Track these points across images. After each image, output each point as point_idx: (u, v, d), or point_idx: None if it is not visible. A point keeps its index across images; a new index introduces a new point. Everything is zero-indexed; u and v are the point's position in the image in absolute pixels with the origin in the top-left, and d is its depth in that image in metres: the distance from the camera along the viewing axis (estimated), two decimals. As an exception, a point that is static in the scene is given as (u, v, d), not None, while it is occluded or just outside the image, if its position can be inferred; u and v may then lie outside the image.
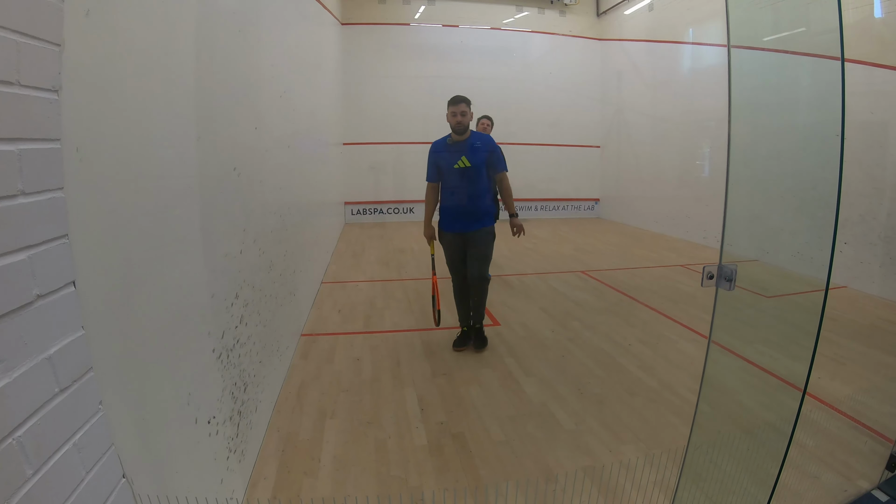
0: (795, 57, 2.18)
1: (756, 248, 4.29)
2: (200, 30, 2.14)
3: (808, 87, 2.45)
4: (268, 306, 3.27)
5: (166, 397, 1.73)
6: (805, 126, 2.64)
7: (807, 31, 2.26)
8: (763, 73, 2.44)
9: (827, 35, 1.87)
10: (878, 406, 3.59)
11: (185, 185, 1.98)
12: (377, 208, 12.80)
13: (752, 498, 2.20)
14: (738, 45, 1.85)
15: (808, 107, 2.55)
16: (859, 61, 6.36)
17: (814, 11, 2.14)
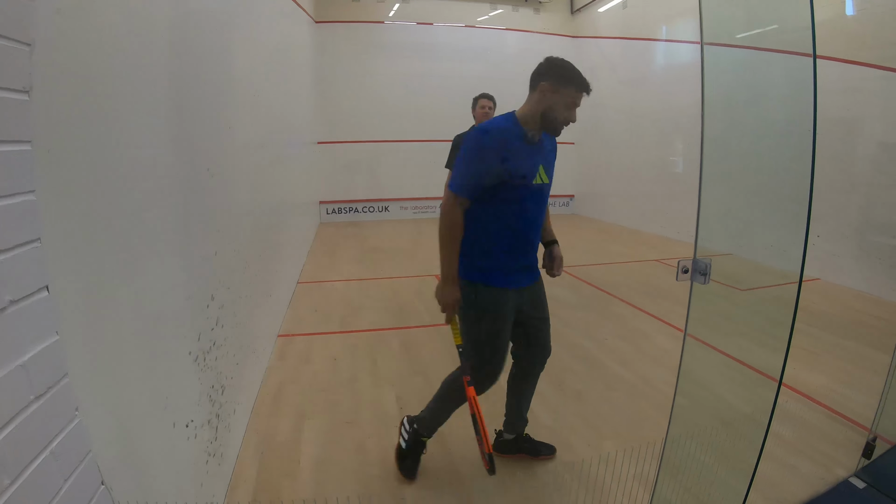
0: (768, 54, 2.22)
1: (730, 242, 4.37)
2: (173, 29, 2.11)
3: (781, 84, 2.50)
4: (244, 307, 3.24)
5: (143, 402, 1.70)
6: (778, 122, 2.69)
7: (779, 28, 2.30)
8: (736, 70, 2.47)
9: (799, 32, 1.90)
10: (853, 395, 3.67)
11: (159, 186, 1.95)
12: (352, 207, 12.74)
13: (731, 489, 2.24)
14: (710, 42, 1.88)
15: (780, 103, 2.59)
16: (831, 58, 6.51)
17: (786, 9, 2.18)
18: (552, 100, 2.62)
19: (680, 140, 10.13)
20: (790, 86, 2.37)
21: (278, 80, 5.58)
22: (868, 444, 2.91)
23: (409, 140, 12.70)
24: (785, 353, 1.94)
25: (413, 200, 13.09)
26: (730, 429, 2.34)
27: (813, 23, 1.80)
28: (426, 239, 10.26)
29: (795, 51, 2.00)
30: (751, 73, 2.67)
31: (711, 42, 1.89)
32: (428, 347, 4.58)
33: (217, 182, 2.78)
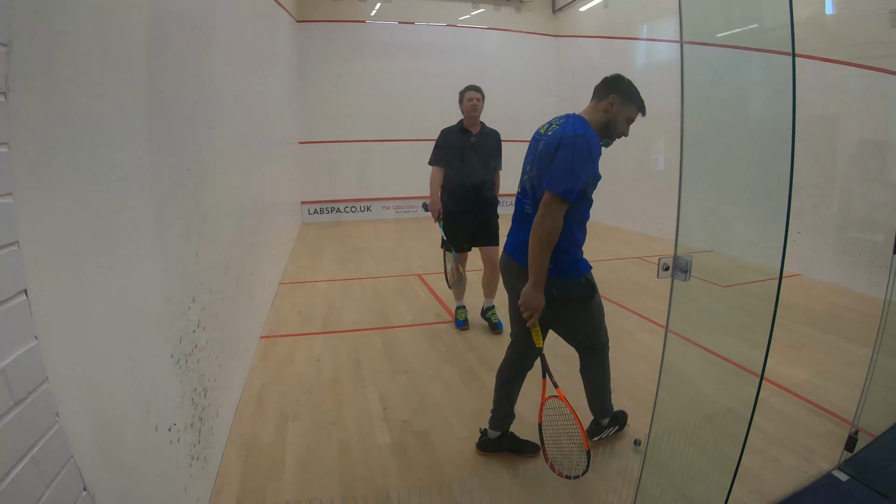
0: (748, 53, 2.25)
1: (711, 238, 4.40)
2: (152, 28, 2.09)
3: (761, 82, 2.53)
4: (225, 309, 3.22)
5: (125, 406, 1.68)
6: (758, 120, 2.72)
7: (759, 27, 2.33)
8: (716, 69, 2.50)
9: (779, 31, 1.92)
10: (834, 389, 3.73)
11: (139, 187, 1.93)
12: (334, 207, 12.68)
13: (715, 483, 2.27)
14: (690, 41, 1.90)
15: (760, 101, 2.62)
16: (811, 57, 6.61)
17: (766, 8, 2.21)
18: (617, 112, 2.78)
19: (660, 138, 10.20)
20: (770, 84, 2.39)
21: (259, 80, 5.54)
22: (850, 437, 2.96)
23: (391, 139, 12.68)
24: (766, 348, 1.96)
25: (395, 200, 13.07)
26: (712, 424, 2.36)
27: (792, 22, 1.83)
28: (408, 238, 10.26)
29: (775, 49, 2.03)
30: (730, 71, 2.70)
31: (691, 41, 1.91)
32: (411, 347, 4.58)
33: (198, 182, 2.75)
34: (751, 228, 3.09)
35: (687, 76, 1.83)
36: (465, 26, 13.06)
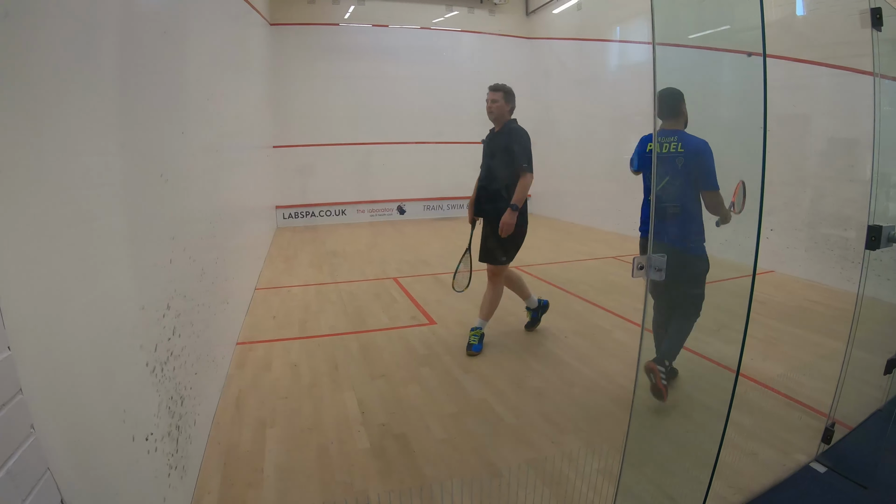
0: (719, 53, 2.29)
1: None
2: (123, 32, 2.06)
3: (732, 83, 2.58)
4: (201, 316, 3.18)
5: (101, 416, 1.66)
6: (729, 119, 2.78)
7: (731, 28, 2.37)
8: (688, 70, 2.54)
9: (750, 32, 1.96)
10: (809, 383, 3.81)
11: (111, 193, 1.90)
12: (309, 211, 12.62)
13: (694, 478, 2.30)
14: (662, 42, 1.92)
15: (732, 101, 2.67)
16: (782, 57, 6.76)
17: (738, 10, 2.25)
18: None
19: (634, 138, 10.33)
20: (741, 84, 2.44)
21: (232, 84, 5.49)
22: (827, 430, 3.02)
23: (365, 143, 12.66)
24: (741, 344, 2.00)
25: (370, 203, 13.05)
26: (690, 420, 2.40)
27: (763, 23, 1.86)
28: (384, 242, 10.24)
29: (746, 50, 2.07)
30: (702, 72, 2.74)
31: (663, 42, 1.94)
32: (388, 350, 4.58)
33: (170, 188, 2.72)
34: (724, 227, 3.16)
35: (659, 77, 1.86)
36: (439, 29, 13.13)
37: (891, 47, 2.90)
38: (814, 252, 6.90)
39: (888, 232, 2.60)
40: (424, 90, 12.94)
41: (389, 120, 12.78)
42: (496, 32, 13.59)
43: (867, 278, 2.81)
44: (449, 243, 10.06)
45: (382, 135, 12.77)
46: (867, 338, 3.03)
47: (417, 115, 13.01)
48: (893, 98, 3.12)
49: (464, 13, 13.25)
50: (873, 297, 3.05)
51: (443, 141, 13.14)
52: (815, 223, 6.90)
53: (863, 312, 2.88)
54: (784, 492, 2.72)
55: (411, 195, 13.42)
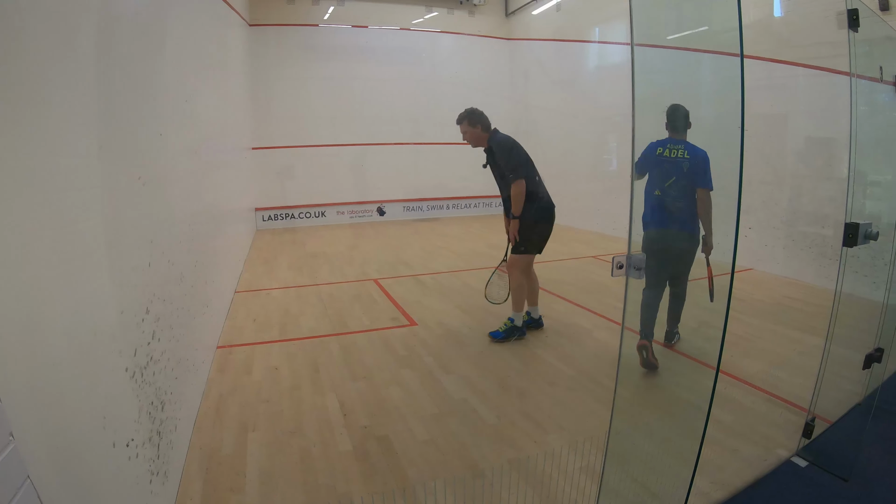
0: (698, 54, 2.32)
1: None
2: (101, 32, 2.04)
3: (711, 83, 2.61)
4: (180, 320, 3.15)
5: (81, 423, 1.64)
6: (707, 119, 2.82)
7: (709, 29, 2.40)
8: (667, 71, 2.57)
9: (728, 33, 1.99)
10: (789, 379, 3.88)
11: (89, 196, 1.88)
12: (288, 213, 12.53)
13: (677, 475, 2.33)
14: (641, 43, 1.94)
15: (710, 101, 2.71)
16: (760, 58, 6.88)
17: (716, 11, 2.28)
18: None
19: (613, 138, 10.45)
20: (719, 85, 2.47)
21: (211, 85, 5.44)
22: (807, 425, 3.08)
23: (344, 144, 12.62)
24: (721, 342, 2.03)
25: (349, 205, 13.01)
26: (671, 417, 2.43)
27: (741, 24, 1.89)
28: (364, 243, 10.22)
29: (724, 51, 2.10)
30: (681, 72, 2.78)
31: (642, 43, 1.96)
32: (368, 352, 4.57)
33: (149, 190, 2.69)
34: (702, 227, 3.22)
35: (638, 78, 1.88)
36: (419, 30, 13.14)
37: (867, 48, 2.97)
38: (792, 250, 7.03)
39: (865, 229, 2.65)
40: (404, 91, 12.94)
41: (369, 121, 12.75)
42: (476, 33, 13.63)
43: (845, 275, 2.87)
44: (429, 244, 10.07)
45: (362, 136, 12.74)
46: (845, 334, 3.09)
47: (397, 116, 12.99)
48: (869, 97, 3.20)
49: (443, 14, 13.27)
50: (851, 294, 3.12)
51: (423, 142, 13.15)
52: (793, 221, 7.03)
53: (841, 309, 2.94)
54: (766, 486, 2.76)
55: (391, 196, 13.39)
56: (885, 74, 3.23)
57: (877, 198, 3.53)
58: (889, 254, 3.32)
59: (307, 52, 12.25)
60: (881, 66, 3.24)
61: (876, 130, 3.42)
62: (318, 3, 12.19)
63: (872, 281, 3.69)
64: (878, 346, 3.28)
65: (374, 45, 12.71)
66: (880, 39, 3.39)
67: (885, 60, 3.27)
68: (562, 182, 12.62)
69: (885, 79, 3.23)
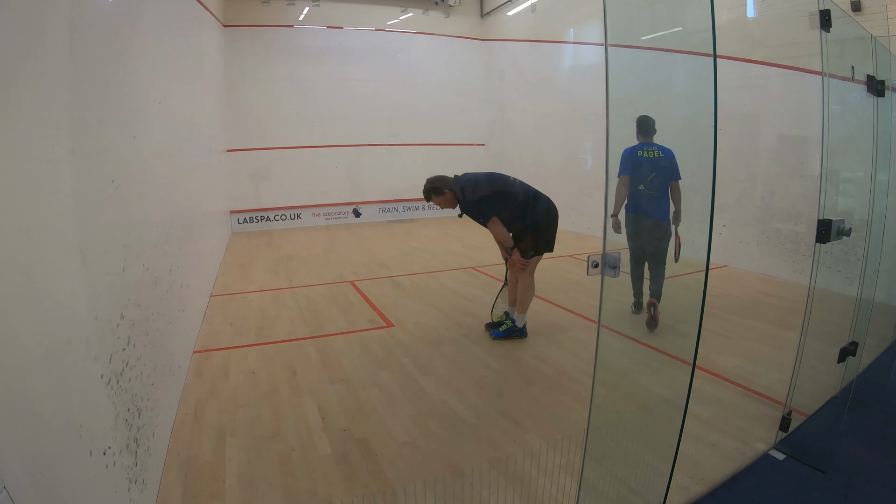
0: (671, 54, 2.34)
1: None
2: (72, 33, 2.00)
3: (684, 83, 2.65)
4: (156, 325, 3.10)
5: (56, 431, 1.61)
6: (680, 119, 2.86)
7: (683, 30, 2.44)
8: (640, 71, 2.59)
9: (701, 34, 2.02)
10: (765, 373, 3.95)
11: (60, 200, 1.85)
12: (263, 216, 12.42)
13: (655, 470, 2.36)
14: (615, 43, 1.96)
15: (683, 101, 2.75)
16: (733, 58, 7.00)
17: (689, 12, 2.32)
18: None
19: (588, 138, 10.54)
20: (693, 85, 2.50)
21: (185, 87, 5.38)
22: (784, 418, 3.14)
23: (320, 146, 12.55)
24: (697, 338, 2.06)
25: (325, 207, 12.95)
26: (649, 413, 2.46)
27: (714, 25, 1.92)
28: (340, 245, 10.18)
29: (697, 51, 2.12)
30: (654, 72, 2.81)
31: (615, 44, 1.98)
32: (346, 354, 4.56)
33: (122, 194, 2.65)
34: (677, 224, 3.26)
35: (612, 78, 1.90)
36: (394, 30, 13.14)
37: (839, 48, 3.03)
38: (766, 246, 7.17)
39: (838, 226, 2.72)
40: (379, 92, 12.91)
41: (344, 122, 12.70)
42: (451, 34, 13.67)
43: (818, 271, 2.92)
44: (405, 245, 10.07)
45: (337, 137, 12.68)
46: (820, 328, 3.16)
47: (372, 117, 12.96)
48: (841, 97, 3.27)
49: (419, 15, 13.28)
50: (824, 289, 3.18)
51: (398, 143, 13.14)
52: (767, 218, 7.16)
53: (815, 304, 3.00)
54: (745, 480, 2.82)
55: (367, 198, 13.34)
56: (856, 74, 3.30)
57: (849, 195, 3.61)
58: (861, 249, 3.40)
59: (282, 53, 12.17)
60: (853, 65, 3.31)
61: (848, 129, 3.50)
62: (293, 3, 12.11)
63: (846, 276, 3.78)
64: (853, 339, 3.36)
65: (349, 46, 12.67)
66: (852, 40, 3.47)
67: (856, 60, 3.34)
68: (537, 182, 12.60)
69: (857, 78, 3.30)
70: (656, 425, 2.41)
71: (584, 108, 10.19)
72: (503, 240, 4.75)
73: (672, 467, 2.27)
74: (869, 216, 3.43)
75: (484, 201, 4.64)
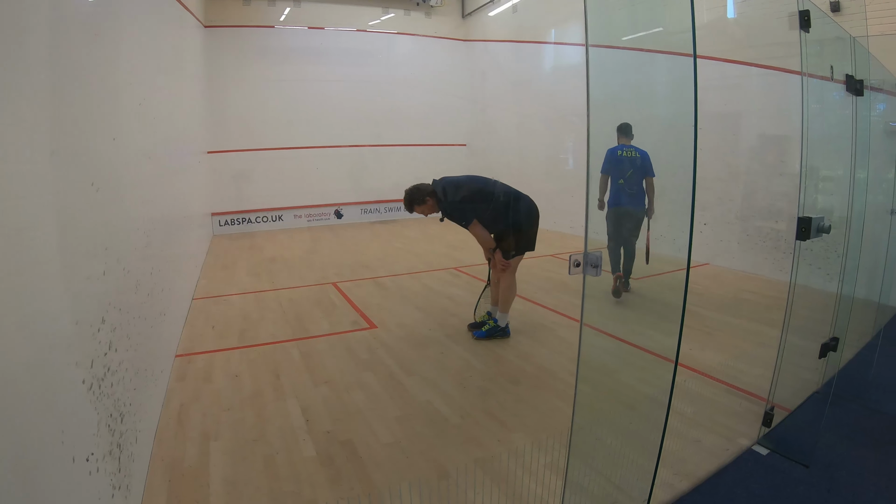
0: (652, 55, 2.37)
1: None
2: (52, 34, 1.98)
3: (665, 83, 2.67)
4: (137, 329, 3.07)
5: (38, 438, 1.59)
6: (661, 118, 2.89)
7: (663, 30, 2.46)
8: (622, 71, 2.61)
9: (682, 34, 2.04)
10: (748, 369, 4.01)
11: (39, 204, 1.82)
12: (245, 218, 12.32)
13: (640, 467, 2.38)
14: (596, 44, 1.98)
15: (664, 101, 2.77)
16: (713, 58, 7.10)
17: (669, 13, 2.34)
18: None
19: (569, 138, 10.60)
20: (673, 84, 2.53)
21: (165, 88, 5.32)
22: (767, 414, 3.19)
23: (301, 147, 12.49)
24: (679, 335, 2.08)
25: (307, 208, 12.87)
26: (633, 411, 2.48)
27: (694, 25, 1.95)
28: (322, 247, 10.13)
29: (678, 51, 2.15)
30: (635, 73, 2.84)
31: (597, 44, 1.99)
32: (329, 356, 4.55)
33: (103, 196, 2.62)
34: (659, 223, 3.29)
35: (593, 78, 1.91)
36: (376, 31, 13.11)
37: (818, 48, 3.09)
38: (747, 244, 7.27)
39: (817, 223, 2.76)
40: (361, 93, 12.88)
41: (326, 123, 12.65)
42: (432, 35, 13.67)
43: (799, 268, 2.97)
44: (388, 246, 10.05)
45: (319, 138, 12.62)
46: (801, 324, 3.21)
47: (354, 118, 12.92)
48: (821, 96, 3.32)
49: (400, 15, 13.27)
50: (805, 286, 3.24)
51: (380, 144, 13.12)
52: (748, 216, 7.26)
53: (796, 300, 3.05)
54: (729, 475, 2.86)
55: (349, 199, 13.29)
56: (835, 73, 3.36)
57: (828, 192, 3.67)
58: (841, 246, 3.46)
59: (263, 53, 12.08)
60: (832, 65, 3.36)
61: (827, 128, 3.56)
62: (274, 4, 12.03)
63: (826, 273, 3.84)
64: (833, 335, 3.42)
65: (330, 47, 12.62)
66: (831, 40, 3.53)
67: (835, 60, 3.39)
68: (519, 181, 12.67)
69: (836, 78, 3.36)
70: (640, 423, 2.44)
71: (565, 108, 10.27)
72: (484, 242, 4.77)
73: (656, 464, 2.30)
74: (848, 213, 3.49)
75: (465, 202, 4.66)
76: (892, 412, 3.57)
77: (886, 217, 4.61)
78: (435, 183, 4.75)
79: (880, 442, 3.20)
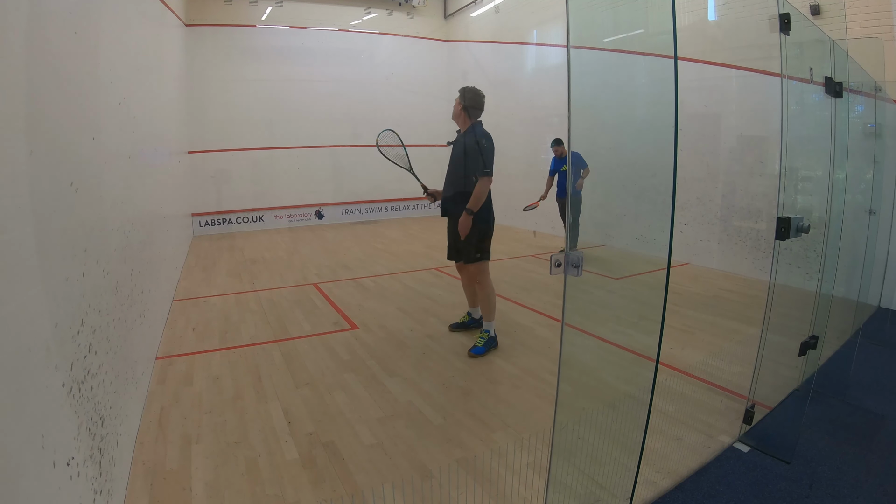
0: (633, 56, 2.39)
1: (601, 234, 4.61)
2: (30, 32, 1.95)
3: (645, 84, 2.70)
4: (117, 331, 3.03)
5: (17, 443, 1.56)
6: (642, 119, 2.91)
7: (645, 32, 2.49)
8: (602, 72, 2.63)
9: (663, 36, 2.06)
10: (728, 367, 4.07)
11: (17, 204, 1.79)
12: (225, 218, 12.22)
13: (622, 465, 2.41)
14: (577, 45, 1.99)
15: (645, 101, 2.80)
16: (694, 59, 7.16)
17: (651, 14, 2.37)
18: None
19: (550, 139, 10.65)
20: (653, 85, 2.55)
21: (146, 87, 5.26)
22: (747, 411, 3.24)
23: (282, 147, 12.42)
24: (659, 334, 2.11)
25: (288, 209, 12.81)
26: (615, 410, 2.51)
27: (675, 27, 1.97)
28: (303, 247, 10.09)
29: (659, 53, 2.17)
30: (616, 74, 2.86)
31: (578, 45, 2.01)
32: (311, 357, 4.54)
33: (82, 197, 2.58)
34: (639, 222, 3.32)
35: (574, 79, 1.93)
36: (358, 31, 13.08)
37: (798, 50, 3.13)
38: (727, 244, 7.37)
39: (797, 223, 2.81)
40: (343, 93, 12.84)
41: (307, 123, 12.59)
42: (415, 35, 13.69)
43: (778, 267, 3.02)
44: (368, 247, 10.03)
45: (299, 139, 12.56)
46: (781, 323, 3.26)
47: (335, 118, 12.88)
48: (800, 98, 3.37)
49: (382, 16, 13.27)
50: (784, 285, 3.29)
51: (361, 144, 13.07)
52: (728, 216, 7.36)
53: (775, 299, 3.10)
54: (711, 472, 2.90)
55: (329, 199, 13.24)
56: (814, 76, 3.41)
57: (807, 193, 3.73)
58: (820, 245, 3.52)
59: (244, 53, 12.00)
60: (811, 67, 3.42)
61: (806, 129, 3.62)
62: (256, 3, 11.96)
63: (805, 272, 3.90)
64: (813, 333, 3.47)
65: (312, 47, 12.58)
66: (811, 42, 3.59)
67: (815, 62, 3.45)
68: (498, 181, 12.73)
69: (815, 80, 3.41)
70: (622, 421, 2.46)
71: (545, 109, 10.32)
72: (480, 202, 4.49)
73: (638, 462, 2.32)
74: (827, 213, 3.55)
75: (491, 154, 4.47)
76: (871, 408, 3.64)
77: (865, 217, 4.70)
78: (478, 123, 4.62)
79: (860, 437, 3.26)
